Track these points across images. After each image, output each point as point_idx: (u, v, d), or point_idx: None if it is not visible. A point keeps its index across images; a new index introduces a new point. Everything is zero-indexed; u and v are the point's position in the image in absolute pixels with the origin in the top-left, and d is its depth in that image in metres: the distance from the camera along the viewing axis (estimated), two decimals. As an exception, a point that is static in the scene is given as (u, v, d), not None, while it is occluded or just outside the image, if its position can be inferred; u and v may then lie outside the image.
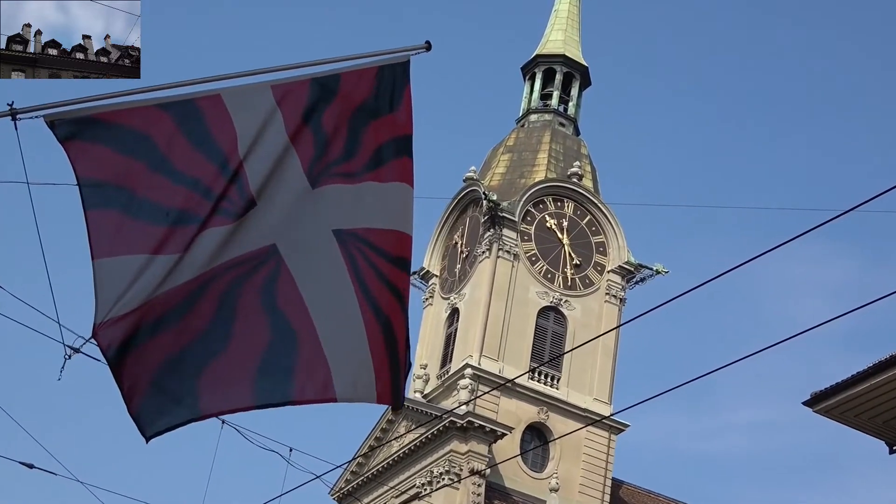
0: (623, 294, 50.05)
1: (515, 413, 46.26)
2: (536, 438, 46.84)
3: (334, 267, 7.79)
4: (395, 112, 7.96)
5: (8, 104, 7.06)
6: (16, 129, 7.07)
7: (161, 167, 7.40)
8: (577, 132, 54.48)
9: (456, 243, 51.48)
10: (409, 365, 8.05)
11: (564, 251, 49.72)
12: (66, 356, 7.59)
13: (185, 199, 7.44)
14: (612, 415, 45.65)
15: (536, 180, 50.52)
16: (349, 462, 47.76)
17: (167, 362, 7.42)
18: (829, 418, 19.14)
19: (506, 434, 44.49)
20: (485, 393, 43.91)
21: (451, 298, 50.12)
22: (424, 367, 48.19)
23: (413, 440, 45.69)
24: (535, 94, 54.93)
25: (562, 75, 54.95)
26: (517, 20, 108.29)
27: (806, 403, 18.97)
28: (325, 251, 7.78)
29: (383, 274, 7.89)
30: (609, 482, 47.43)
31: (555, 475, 45.48)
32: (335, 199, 7.82)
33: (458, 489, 43.65)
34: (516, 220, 48.91)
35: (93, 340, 7.27)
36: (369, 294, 7.83)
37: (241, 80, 7.72)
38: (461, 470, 43.62)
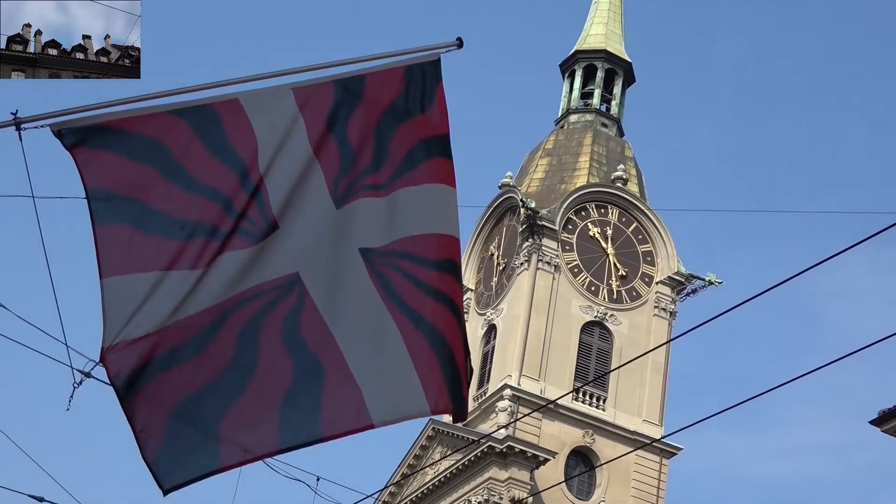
0: (673, 307, 49.86)
1: (559, 437, 46.12)
2: (582, 464, 46.67)
3: (361, 288, 7.71)
4: (426, 112, 7.91)
5: (12, 113, 7.03)
6: (20, 139, 7.02)
7: (176, 175, 7.37)
8: (620, 133, 54.39)
9: (492, 255, 51.42)
10: (471, 370, 7.97)
11: (609, 261, 49.58)
12: (76, 382, 7.57)
13: (202, 211, 7.40)
14: (663, 437, 45.40)
15: (578, 186, 50.44)
16: (380, 491, 47.76)
17: (185, 404, 7.34)
18: (898, 439, 19.01)
19: (548, 459, 44.37)
20: (525, 415, 43.81)
21: (488, 314, 50.06)
22: (460, 388, 48.01)
23: (449, 467, 45.63)
24: (575, 93, 54.89)
25: (603, 72, 54.90)
26: (554, 14, 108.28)
27: (873, 422, 18.86)
28: (350, 274, 7.72)
29: (423, 282, 7.80)
30: (661, 510, 47.25)
31: (602, 503, 45.31)
32: (363, 216, 7.77)
33: (497, 519, 43.60)
34: (557, 228, 48.83)
35: (101, 365, 7.20)
36: (406, 307, 7.75)
37: (259, 83, 7.71)
38: (501, 498, 43.54)
